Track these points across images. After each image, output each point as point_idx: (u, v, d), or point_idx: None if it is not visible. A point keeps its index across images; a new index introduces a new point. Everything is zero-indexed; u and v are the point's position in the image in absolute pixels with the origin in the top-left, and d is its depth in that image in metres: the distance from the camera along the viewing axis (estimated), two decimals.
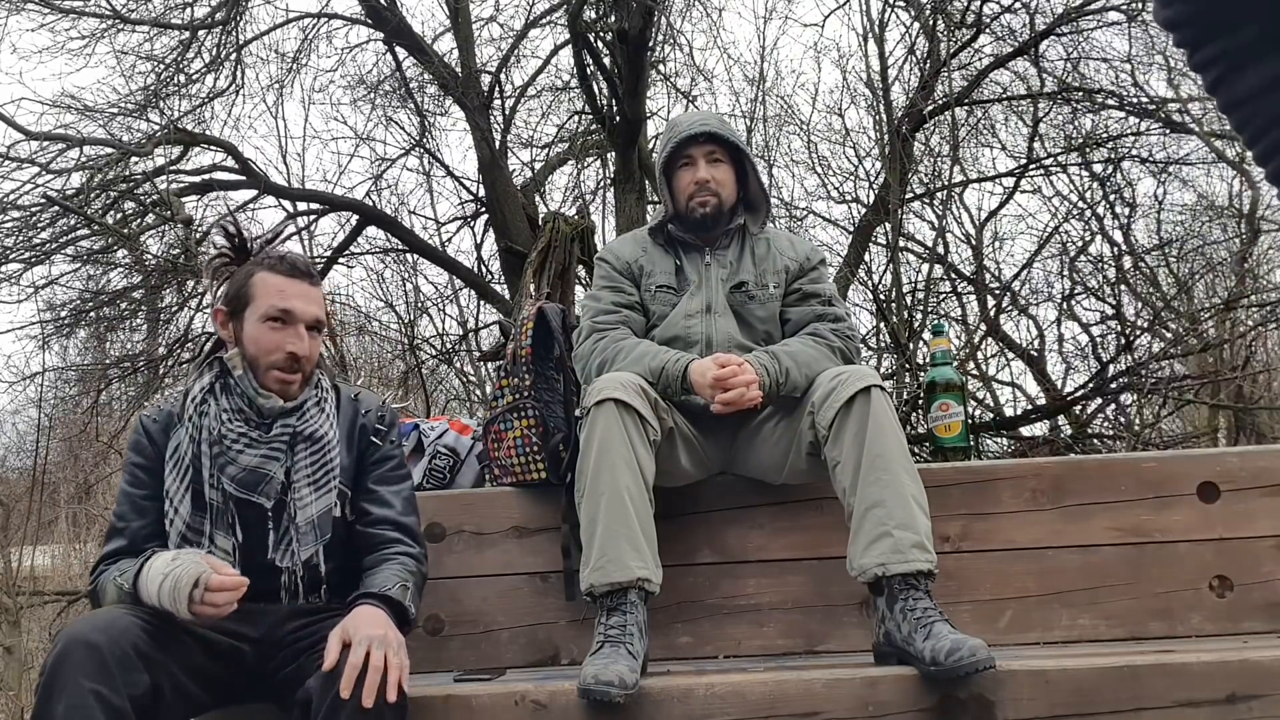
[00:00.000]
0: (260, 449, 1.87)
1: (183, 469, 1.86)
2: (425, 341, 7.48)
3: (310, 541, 1.88)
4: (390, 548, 1.94)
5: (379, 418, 2.03)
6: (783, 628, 2.33)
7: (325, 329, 1.98)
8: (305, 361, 1.90)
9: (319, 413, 1.94)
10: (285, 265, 1.93)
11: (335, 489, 1.92)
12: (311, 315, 1.92)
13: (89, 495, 7.06)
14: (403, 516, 1.99)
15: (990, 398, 5.82)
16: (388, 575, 1.87)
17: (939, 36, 5.92)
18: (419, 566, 1.96)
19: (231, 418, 1.88)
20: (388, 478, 2.02)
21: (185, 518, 1.85)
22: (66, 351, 6.69)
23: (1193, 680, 1.77)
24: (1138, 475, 2.36)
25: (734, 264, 2.43)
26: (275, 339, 1.88)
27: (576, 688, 1.79)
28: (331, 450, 1.92)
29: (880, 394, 2.06)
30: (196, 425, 1.88)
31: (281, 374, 1.89)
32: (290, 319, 1.89)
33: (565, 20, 5.95)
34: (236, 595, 1.71)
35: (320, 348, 1.97)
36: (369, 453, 2.01)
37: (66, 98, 5.93)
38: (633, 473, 2.03)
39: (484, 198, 6.69)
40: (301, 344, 1.89)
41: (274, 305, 1.89)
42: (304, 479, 1.89)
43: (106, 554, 1.91)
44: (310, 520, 1.88)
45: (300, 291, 1.91)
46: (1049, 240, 5.88)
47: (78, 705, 1.57)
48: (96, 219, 5.67)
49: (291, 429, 1.90)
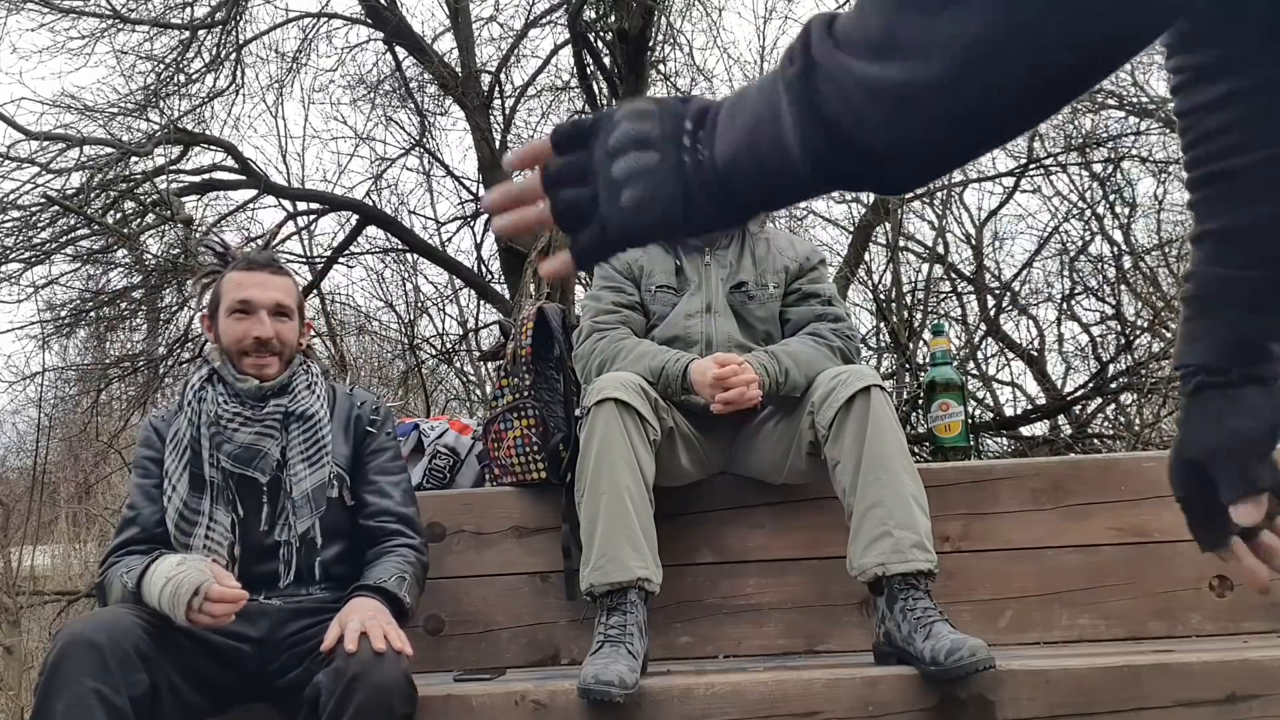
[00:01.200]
0: (254, 426, 1.98)
1: (181, 450, 1.96)
2: (425, 341, 7.47)
3: (306, 514, 1.96)
4: (390, 540, 2.01)
5: (374, 409, 2.13)
6: (783, 627, 2.33)
7: (297, 315, 2.07)
8: (273, 343, 2.01)
9: (309, 392, 2.04)
10: (244, 261, 2.08)
11: (328, 464, 2.00)
12: (270, 300, 2.03)
13: (89, 495, 7.06)
14: (402, 507, 2.06)
15: (990, 398, 5.81)
16: (385, 568, 1.93)
17: None
18: (418, 557, 2.02)
19: (228, 400, 1.99)
20: (386, 469, 2.09)
21: (183, 495, 1.93)
22: (66, 351, 6.69)
23: (1193, 680, 1.77)
24: (1138, 475, 2.36)
25: (734, 264, 2.43)
26: (240, 328, 2.01)
27: (576, 687, 1.79)
28: (323, 427, 2.02)
29: (880, 394, 2.06)
30: (195, 410, 1.98)
31: (251, 358, 2.01)
32: (250, 307, 2.02)
33: (565, 20, 5.95)
34: (235, 608, 1.73)
35: (294, 331, 2.07)
36: (365, 443, 2.08)
37: (66, 97, 5.92)
38: (633, 472, 2.03)
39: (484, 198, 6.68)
40: (263, 327, 2.00)
41: (235, 298, 2.03)
42: (298, 455, 1.98)
43: (118, 545, 1.95)
44: (305, 494, 1.97)
45: (257, 281, 2.04)
46: (1049, 240, 5.88)
47: (78, 704, 1.58)
48: (96, 219, 5.67)
49: (284, 408, 2.00)
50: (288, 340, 2.04)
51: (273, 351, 2.01)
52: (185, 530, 1.91)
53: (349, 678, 1.62)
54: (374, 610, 1.77)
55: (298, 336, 2.08)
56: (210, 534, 1.91)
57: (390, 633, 1.71)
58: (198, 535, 1.91)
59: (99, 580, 1.94)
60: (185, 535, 1.91)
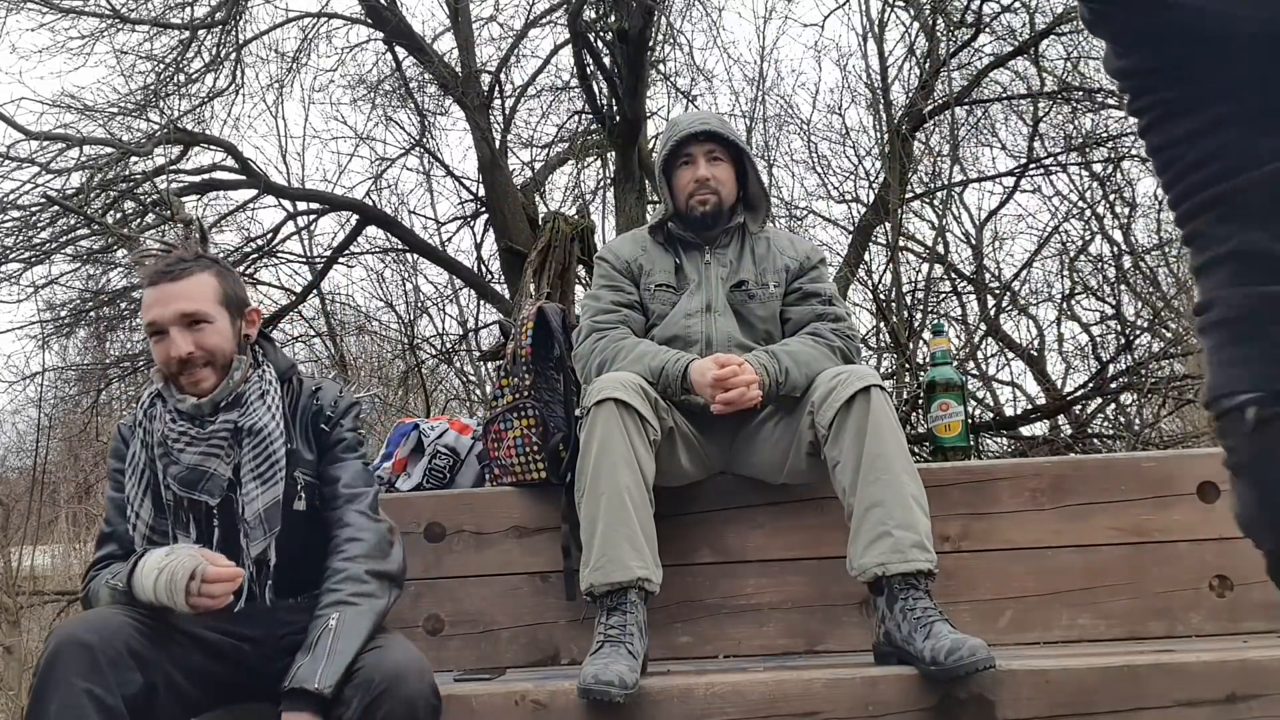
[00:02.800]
0: (199, 446, 1.85)
1: (139, 473, 1.88)
2: (425, 341, 7.48)
3: (259, 536, 1.84)
4: (337, 576, 1.82)
5: (332, 404, 1.98)
6: (783, 627, 2.33)
7: (221, 312, 1.89)
8: (195, 355, 1.85)
9: (260, 404, 1.90)
10: (148, 275, 1.90)
11: (281, 480, 1.87)
12: (173, 314, 1.85)
13: (89, 495, 7.05)
14: (350, 488, 1.91)
15: (990, 398, 5.81)
16: (314, 652, 1.71)
17: (939, 36, 5.93)
18: (371, 601, 1.80)
19: (175, 419, 1.87)
20: (337, 457, 1.95)
21: (147, 520, 1.86)
22: (66, 351, 6.69)
23: (1193, 680, 1.77)
24: (1138, 475, 2.36)
25: (734, 263, 2.43)
26: (159, 352, 1.88)
27: (576, 687, 1.79)
28: (274, 442, 1.88)
29: (880, 394, 2.06)
30: (146, 429, 1.89)
31: (182, 378, 1.87)
32: (158, 328, 1.86)
33: (565, 20, 5.95)
34: (232, 586, 1.71)
35: (220, 332, 1.88)
36: (320, 440, 1.96)
37: (66, 97, 5.93)
38: (633, 472, 2.03)
39: (484, 197, 6.69)
40: (176, 346, 1.84)
41: (145, 323, 1.89)
42: (249, 473, 1.86)
43: (97, 559, 1.91)
44: (257, 514, 1.85)
45: (157, 297, 1.87)
46: (1049, 240, 5.88)
47: (70, 705, 1.57)
48: (96, 219, 5.67)
49: (232, 424, 1.87)
50: (212, 346, 1.87)
51: (200, 364, 1.86)
52: None
53: (377, 691, 1.62)
54: None
55: (231, 334, 1.91)
56: None
57: None
58: None
59: (83, 594, 1.90)
60: None
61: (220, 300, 1.90)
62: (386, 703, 1.61)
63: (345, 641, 1.72)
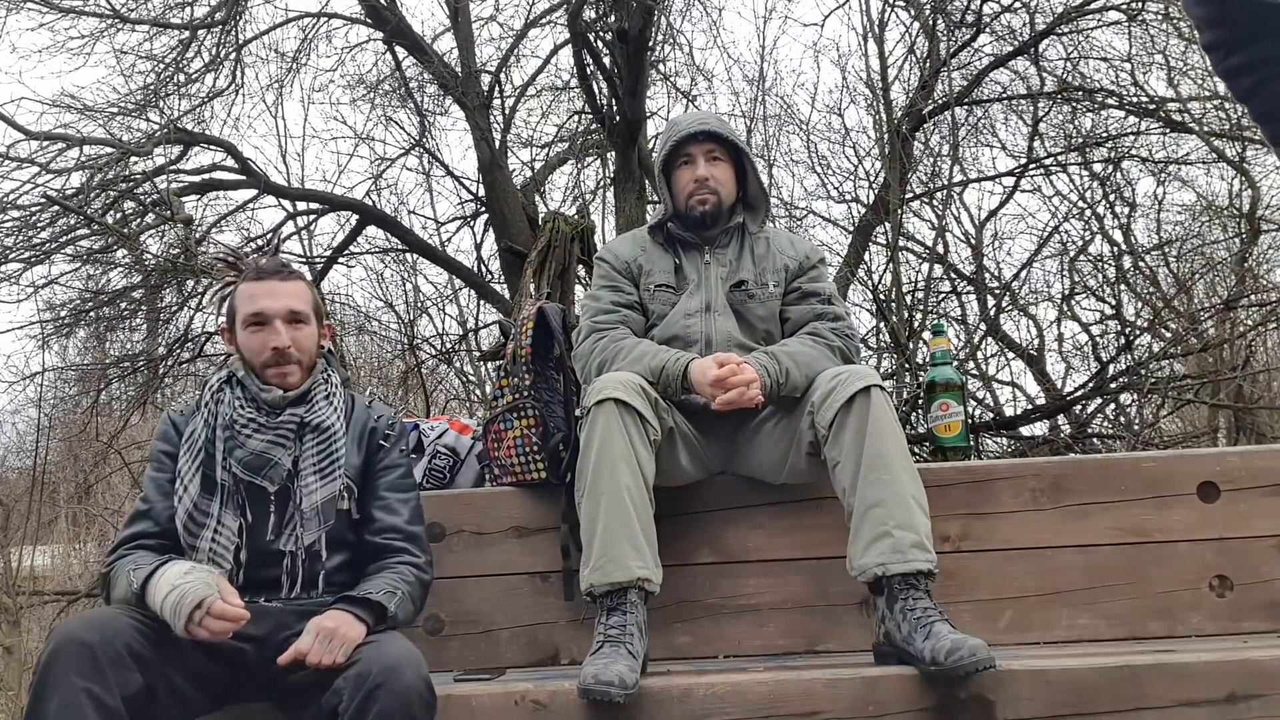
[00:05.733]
0: (267, 434, 1.96)
1: (195, 451, 1.96)
2: (425, 341, 7.47)
3: (314, 527, 1.95)
4: (394, 556, 1.99)
5: (389, 424, 2.11)
6: (783, 627, 2.33)
7: (313, 318, 2.07)
8: (291, 351, 2.00)
9: (326, 404, 2.03)
10: (254, 272, 2.07)
11: (340, 479, 1.99)
12: (283, 308, 2.02)
13: (89, 495, 7.05)
14: (409, 525, 2.04)
15: (990, 398, 5.81)
16: (378, 581, 1.92)
17: (939, 36, 5.92)
18: (418, 575, 2.00)
19: (244, 405, 1.99)
20: (397, 485, 2.07)
21: (193, 496, 1.93)
22: (66, 351, 6.69)
23: (1193, 680, 1.77)
24: (1138, 475, 2.36)
25: (733, 263, 2.43)
26: (258, 340, 2.01)
27: (576, 688, 1.79)
28: (337, 440, 2.01)
29: (880, 394, 2.06)
30: (212, 411, 1.99)
31: (273, 369, 2.00)
32: (264, 318, 2.01)
33: (565, 20, 5.95)
34: (234, 627, 1.73)
35: (312, 336, 2.06)
36: (377, 456, 2.07)
37: (66, 97, 5.92)
38: (633, 472, 2.03)
39: (484, 197, 6.68)
40: (279, 337, 2.00)
41: (248, 312, 2.02)
42: (310, 467, 1.97)
43: (129, 536, 1.95)
44: (314, 506, 1.96)
45: (268, 290, 2.03)
46: (1049, 240, 5.88)
47: (70, 704, 1.57)
48: (96, 219, 5.67)
49: (299, 418, 1.99)
50: (305, 346, 2.03)
51: (292, 360, 2.00)
52: (193, 531, 1.91)
53: (371, 684, 1.63)
54: (335, 624, 1.75)
55: (317, 340, 2.07)
56: (217, 537, 1.91)
57: (339, 652, 1.71)
58: (205, 537, 1.90)
59: (106, 570, 1.93)
60: (193, 536, 1.91)
61: (313, 307, 2.08)
62: (382, 696, 1.62)
63: (399, 599, 1.89)
